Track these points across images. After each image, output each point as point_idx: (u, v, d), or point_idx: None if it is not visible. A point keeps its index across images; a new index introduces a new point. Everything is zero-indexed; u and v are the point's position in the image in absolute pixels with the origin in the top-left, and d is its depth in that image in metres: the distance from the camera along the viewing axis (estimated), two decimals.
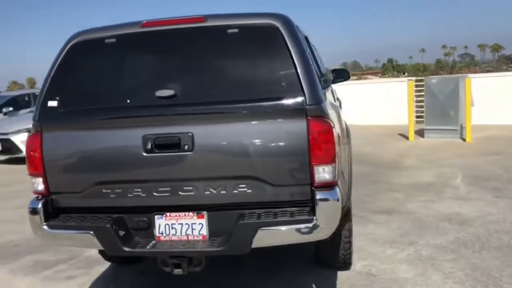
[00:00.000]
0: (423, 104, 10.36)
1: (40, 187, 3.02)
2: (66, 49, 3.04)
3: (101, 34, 3.03)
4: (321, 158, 2.73)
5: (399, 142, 10.28)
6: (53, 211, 3.05)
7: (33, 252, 4.59)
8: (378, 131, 12.15)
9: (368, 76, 69.89)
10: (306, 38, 3.55)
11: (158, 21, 3.01)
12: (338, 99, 7.04)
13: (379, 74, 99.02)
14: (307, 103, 2.69)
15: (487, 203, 5.47)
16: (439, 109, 10.02)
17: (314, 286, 3.68)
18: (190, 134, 2.77)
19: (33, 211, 2.99)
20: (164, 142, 2.79)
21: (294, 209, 2.83)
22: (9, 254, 4.67)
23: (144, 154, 2.81)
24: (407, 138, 10.50)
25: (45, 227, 2.99)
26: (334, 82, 6.45)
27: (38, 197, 3.04)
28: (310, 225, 2.74)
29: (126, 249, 2.88)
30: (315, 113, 2.72)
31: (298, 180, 2.77)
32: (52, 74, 2.99)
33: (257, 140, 2.78)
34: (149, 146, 2.80)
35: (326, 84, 5.00)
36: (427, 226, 4.81)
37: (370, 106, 13.54)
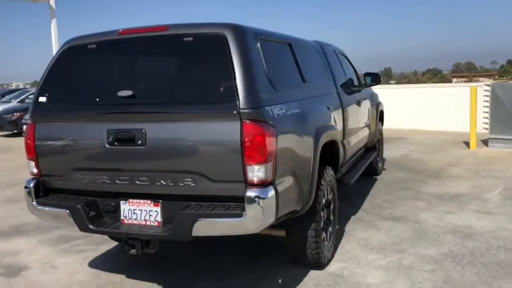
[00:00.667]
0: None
1: (34, 169, 3.58)
2: (59, 53, 3.57)
3: (86, 41, 3.51)
4: (253, 158, 2.95)
5: (457, 150, 9.79)
6: (44, 190, 3.60)
7: (61, 227, 5.27)
8: (445, 137, 11.62)
9: (480, 79, 65.20)
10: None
11: (131, 29, 3.41)
12: (376, 103, 7.01)
13: (495, 76, 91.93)
14: (241, 107, 2.92)
15: (511, 219, 5.18)
16: (506, 117, 9.37)
17: (280, 280, 3.86)
18: (143, 130, 3.14)
19: (27, 189, 3.57)
20: (122, 137, 3.20)
21: (232, 203, 3.08)
22: (44, 227, 5.41)
23: (107, 146, 3.24)
24: (469, 146, 9.96)
25: (35, 203, 3.55)
26: (366, 85, 6.52)
27: (33, 178, 3.61)
28: (239, 219, 2.97)
29: (92, 227, 3.34)
30: (249, 116, 2.94)
31: (234, 177, 3.01)
32: (45, 74, 3.53)
33: (198, 139, 3.07)
34: (110, 139, 3.22)
35: (349, 89, 5.11)
36: (427, 236, 4.72)
37: (443, 111, 12.94)
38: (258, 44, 3.29)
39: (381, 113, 7.60)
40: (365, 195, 6.33)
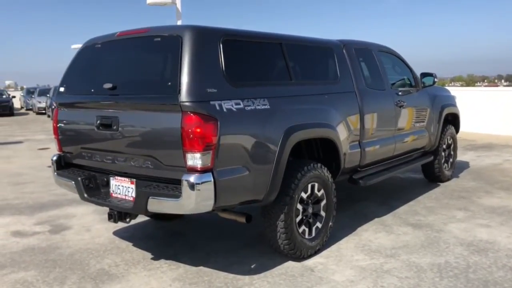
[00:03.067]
0: None
1: (57, 146, 4.42)
2: (78, 51, 4.34)
3: (96, 41, 4.21)
4: (191, 147, 3.30)
5: None
6: (65, 164, 4.41)
7: None
8: None
9: None
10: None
11: (126, 32, 4.00)
12: (441, 105, 6.64)
13: None
14: (182, 100, 3.29)
15: None
16: None
17: (253, 266, 4.11)
18: (116, 117, 3.71)
19: (52, 162, 4.43)
20: (104, 122, 3.81)
21: (178, 186, 3.47)
22: None
23: (96, 130, 3.89)
24: None
25: (55, 174, 4.39)
26: (424, 86, 6.28)
27: (57, 153, 4.45)
28: (177, 200, 3.36)
29: (86, 196, 4.04)
30: (189, 109, 3.29)
31: (178, 163, 3.40)
32: (67, 69, 4.33)
33: (152, 128, 3.55)
34: (97, 124, 3.86)
35: (381, 89, 5.11)
36: (435, 246, 4.47)
37: None
38: (220, 44, 3.60)
39: (453, 116, 7.10)
40: (408, 200, 6.07)
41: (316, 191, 4.29)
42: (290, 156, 3.95)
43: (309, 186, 4.20)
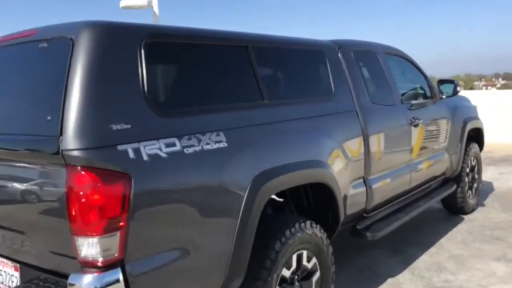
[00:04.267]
0: None
1: None
2: None
3: None
4: (83, 226, 1.94)
5: None
6: None
7: None
8: None
9: None
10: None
11: (6, 37, 2.65)
12: (463, 119, 5.30)
13: None
14: (66, 147, 1.93)
15: None
16: None
17: None
18: None
19: None
20: None
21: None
22: None
23: None
24: None
25: None
26: (443, 97, 4.95)
27: None
28: None
29: None
30: (78, 161, 1.94)
31: (67, 250, 2.04)
32: None
33: (29, 189, 2.17)
34: None
35: (391, 104, 3.83)
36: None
37: None
38: (141, 49, 2.24)
39: (476, 132, 5.74)
40: (428, 244, 4.69)
41: (305, 262, 2.93)
42: (265, 210, 2.62)
43: (295, 257, 2.84)
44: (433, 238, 4.87)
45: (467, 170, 5.57)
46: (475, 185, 5.83)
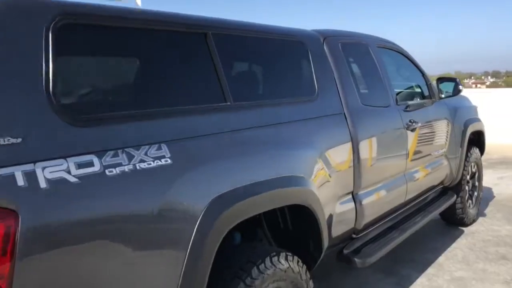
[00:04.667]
0: None
1: None
2: None
3: None
4: None
5: None
6: None
7: None
8: None
9: None
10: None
11: None
12: (464, 122, 4.76)
13: None
14: None
15: None
16: None
17: None
18: None
19: None
20: None
21: None
22: None
23: None
24: None
25: None
26: (443, 97, 4.40)
27: None
28: None
29: None
30: None
31: None
32: None
33: None
34: None
35: (386, 106, 3.30)
36: None
37: None
38: (47, 33, 1.63)
39: (477, 135, 5.19)
40: (426, 263, 4.13)
41: None
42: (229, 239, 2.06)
43: None
44: (430, 256, 4.31)
45: (468, 177, 5.03)
46: (475, 193, 5.29)
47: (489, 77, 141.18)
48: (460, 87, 4.39)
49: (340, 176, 2.90)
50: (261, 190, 2.19)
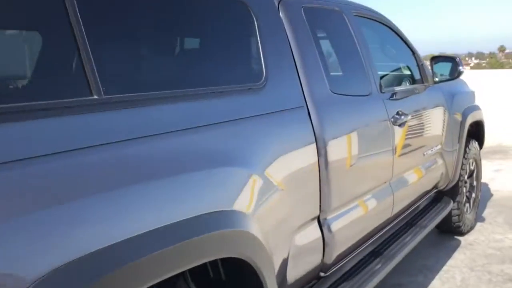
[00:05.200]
0: None
1: None
2: None
3: None
4: None
5: None
6: None
7: None
8: None
9: None
10: None
11: None
12: (463, 111, 3.92)
13: None
14: None
15: None
16: None
17: None
18: None
19: None
20: None
21: None
22: None
23: None
24: None
25: None
26: (437, 81, 3.54)
27: None
28: None
29: None
30: None
31: None
32: None
33: None
34: None
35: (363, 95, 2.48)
36: None
37: None
38: None
39: (476, 126, 4.35)
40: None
41: None
42: None
43: None
44: (422, 279, 3.48)
45: (465, 177, 4.20)
46: (473, 195, 4.47)
47: (473, 58, 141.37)
48: (461, 68, 3.51)
49: (299, 196, 2.02)
50: (153, 248, 1.29)
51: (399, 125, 2.86)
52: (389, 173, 2.81)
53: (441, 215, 3.57)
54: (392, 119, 2.80)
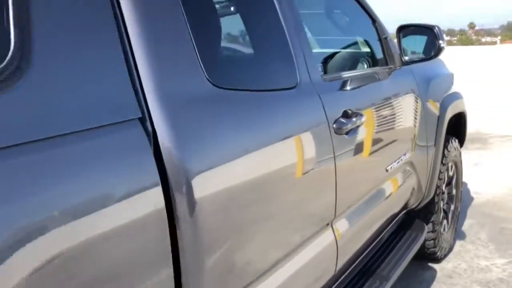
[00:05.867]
0: None
1: None
2: None
3: None
4: None
5: None
6: None
7: None
8: None
9: None
10: None
11: None
12: (442, 99, 2.90)
13: None
14: None
15: None
16: None
17: None
18: None
19: None
20: None
21: None
22: None
23: None
24: None
25: None
26: (408, 61, 2.47)
27: None
28: None
29: None
30: None
31: None
32: None
33: None
34: None
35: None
36: None
37: None
38: None
39: (456, 119, 3.36)
40: None
41: None
42: None
43: None
44: None
45: (443, 187, 3.21)
46: (452, 206, 3.49)
47: (444, 35, 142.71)
48: (441, 42, 2.46)
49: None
50: None
51: (347, 134, 1.80)
52: (328, 212, 1.76)
53: (412, 250, 2.57)
54: (334, 125, 1.73)
